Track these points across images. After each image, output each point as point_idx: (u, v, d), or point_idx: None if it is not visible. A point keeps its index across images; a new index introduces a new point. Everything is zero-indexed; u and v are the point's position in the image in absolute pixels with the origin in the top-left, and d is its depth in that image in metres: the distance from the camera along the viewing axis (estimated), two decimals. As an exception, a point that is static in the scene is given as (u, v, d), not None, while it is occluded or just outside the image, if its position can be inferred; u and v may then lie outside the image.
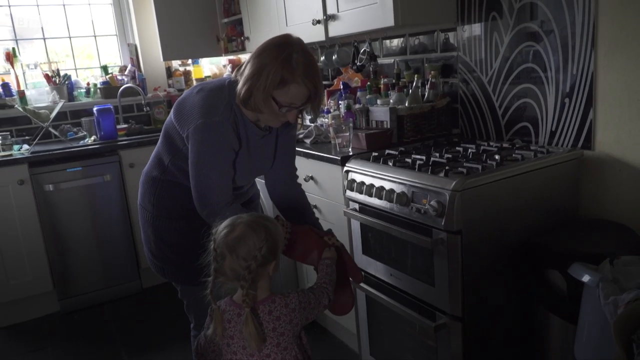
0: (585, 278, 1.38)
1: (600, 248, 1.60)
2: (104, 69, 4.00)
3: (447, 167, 1.78)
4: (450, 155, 2.00)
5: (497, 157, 1.87)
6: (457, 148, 2.16)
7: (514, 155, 1.91)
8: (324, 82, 3.36)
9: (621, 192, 1.86)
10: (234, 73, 1.58)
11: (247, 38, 3.55)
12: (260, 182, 1.89)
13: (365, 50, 2.75)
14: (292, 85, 1.46)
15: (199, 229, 1.68)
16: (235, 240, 1.31)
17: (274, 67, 1.43)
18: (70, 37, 3.95)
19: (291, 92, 1.47)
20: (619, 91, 1.81)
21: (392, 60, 2.81)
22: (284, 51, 1.45)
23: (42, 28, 3.82)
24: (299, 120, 1.64)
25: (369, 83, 2.68)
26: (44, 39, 3.84)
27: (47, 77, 3.70)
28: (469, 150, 2.08)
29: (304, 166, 2.47)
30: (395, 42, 2.78)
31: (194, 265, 1.72)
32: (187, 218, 1.67)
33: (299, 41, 1.52)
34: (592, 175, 1.94)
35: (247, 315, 1.30)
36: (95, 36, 4.05)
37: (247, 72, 1.48)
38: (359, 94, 2.69)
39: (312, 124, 2.71)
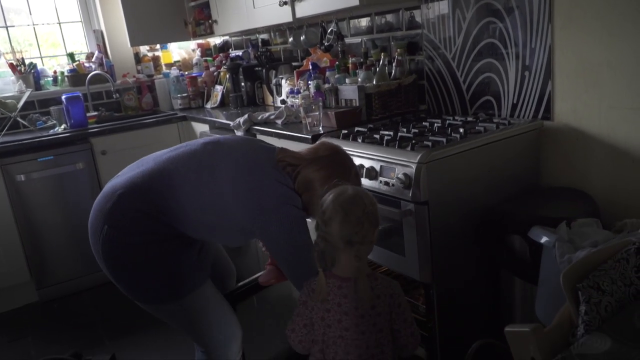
0: (543, 239, 1.47)
1: (559, 212, 1.69)
2: (71, 56, 3.95)
3: (413, 142, 1.84)
4: (416, 130, 2.06)
5: (461, 130, 1.94)
6: (423, 123, 2.23)
7: (477, 127, 1.98)
8: (294, 64, 3.39)
9: (578, 159, 1.96)
10: (278, 154, 1.60)
11: (215, 21, 3.55)
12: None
13: (332, 30, 2.78)
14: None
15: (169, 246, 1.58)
16: (348, 200, 1.33)
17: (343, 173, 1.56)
18: (34, 25, 3.88)
19: None
20: (574, 63, 1.89)
21: (360, 39, 2.86)
22: (347, 160, 1.63)
23: (3, 16, 3.74)
24: None
25: (337, 63, 2.73)
26: (7, 27, 3.77)
27: (11, 66, 3.64)
28: (435, 125, 2.15)
29: (276, 146, 2.51)
30: (362, 22, 2.82)
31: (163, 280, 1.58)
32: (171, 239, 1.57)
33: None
34: (551, 144, 2.03)
35: (361, 275, 1.33)
36: (59, 23, 3.99)
37: (316, 176, 1.55)
38: (327, 73, 2.73)
39: (282, 105, 2.75)
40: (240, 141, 1.68)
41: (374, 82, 2.42)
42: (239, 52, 3.92)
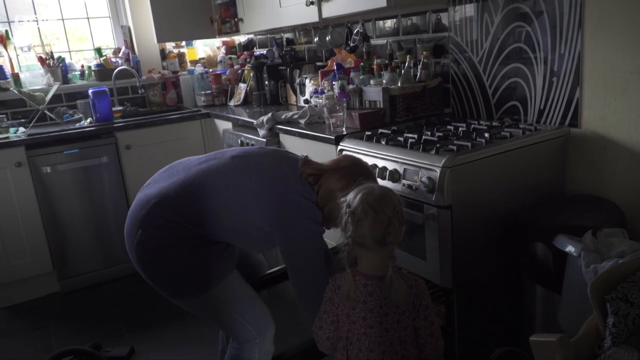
0: (569, 248, 1.45)
1: (585, 221, 1.67)
2: (98, 51, 4.01)
3: (438, 145, 1.84)
4: (441, 134, 2.05)
5: (486, 135, 1.93)
6: (448, 127, 2.22)
7: (502, 133, 1.96)
8: (318, 63, 3.40)
9: (606, 168, 1.93)
10: (301, 167, 1.66)
11: (241, 19, 3.57)
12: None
13: (358, 31, 2.78)
14: None
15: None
16: (377, 200, 1.34)
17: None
18: (63, 19, 3.95)
19: None
20: (604, 71, 1.87)
21: (385, 41, 2.85)
22: (367, 171, 1.70)
23: (34, 10, 3.81)
24: None
25: (362, 64, 2.73)
26: (37, 20, 3.83)
27: (41, 59, 3.70)
28: (460, 129, 2.13)
29: (299, 146, 2.52)
30: (388, 23, 2.82)
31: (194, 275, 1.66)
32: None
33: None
34: (578, 152, 2.00)
35: (393, 271, 1.33)
36: (88, 18, 4.05)
37: (337, 186, 1.59)
38: (352, 74, 2.73)
39: (306, 105, 2.76)
40: (265, 154, 1.74)
41: (399, 84, 2.41)
42: (264, 51, 3.94)
